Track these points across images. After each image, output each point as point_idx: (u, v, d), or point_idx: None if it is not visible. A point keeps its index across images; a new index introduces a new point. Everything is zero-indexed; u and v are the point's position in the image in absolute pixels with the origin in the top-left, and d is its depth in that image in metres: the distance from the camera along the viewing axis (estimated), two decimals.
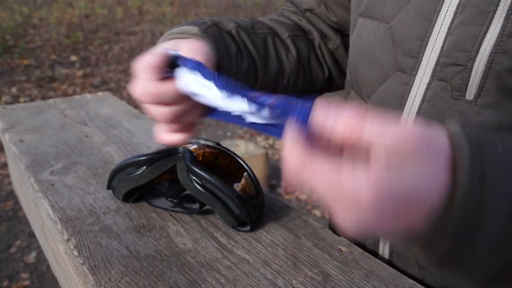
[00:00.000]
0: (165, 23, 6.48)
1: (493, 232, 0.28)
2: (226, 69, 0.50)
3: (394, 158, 0.26)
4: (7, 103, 3.37)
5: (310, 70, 0.62)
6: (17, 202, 2.20)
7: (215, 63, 0.46)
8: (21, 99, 3.50)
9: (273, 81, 0.58)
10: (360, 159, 0.27)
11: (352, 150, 0.28)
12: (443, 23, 0.41)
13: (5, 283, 1.73)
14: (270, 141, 3.08)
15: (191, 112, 0.40)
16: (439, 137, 0.28)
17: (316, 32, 0.63)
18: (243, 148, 2.34)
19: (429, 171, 0.26)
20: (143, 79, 0.39)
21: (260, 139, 3.12)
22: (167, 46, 0.42)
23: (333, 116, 0.28)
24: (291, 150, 0.28)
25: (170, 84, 0.38)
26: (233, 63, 0.51)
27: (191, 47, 0.42)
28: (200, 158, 0.52)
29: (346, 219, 0.28)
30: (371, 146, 0.27)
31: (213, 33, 0.50)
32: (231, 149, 0.56)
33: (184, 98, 0.39)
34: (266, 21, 0.62)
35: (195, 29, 0.48)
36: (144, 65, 0.38)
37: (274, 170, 2.49)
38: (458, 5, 0.40)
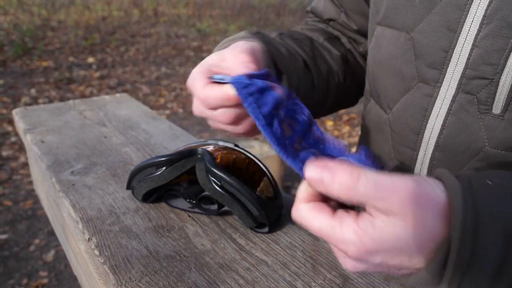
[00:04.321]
0: (180, 25, 6.53)
1: (493, 258, 0.27)
2: (283, 66, 0.51)
3: (385, 219, 0.27)
4: (26, 104, 3.44)
5: (350, 68, 0.63)
6: (36, 201, 2.24)
7: (269, 61, 0.47)
8: (40, 100, 3.57)
9: (325, 81, 0.59)
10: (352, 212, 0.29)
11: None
12: (468, 34, 0.39)
13: (25, 280, 1.77)
14: None
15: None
16: (434, 194, 0.27)
17: (344, 37, 0.64)
18: (258, 149, 2.33)
19: (423, 229, 0.27)
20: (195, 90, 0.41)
21: None
22: (212, 61, 0.43)
23: (327, 177, 0.28)
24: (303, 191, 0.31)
25: (218, 89, 0.39)
26: (288, 62, 0.52)
27: (239, 48, 0.43)
28: (219, 160, 0.52)
29: (341, 261, 0.30)
30: (365, 205, 0.27)
31: (261, 35, 0.51)
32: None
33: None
34: (298, 30, 0.63)
35: (242, 33, 0.49)
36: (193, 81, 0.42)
37: (289, 171, 2.48)
38: (484, 16, 0.38)
